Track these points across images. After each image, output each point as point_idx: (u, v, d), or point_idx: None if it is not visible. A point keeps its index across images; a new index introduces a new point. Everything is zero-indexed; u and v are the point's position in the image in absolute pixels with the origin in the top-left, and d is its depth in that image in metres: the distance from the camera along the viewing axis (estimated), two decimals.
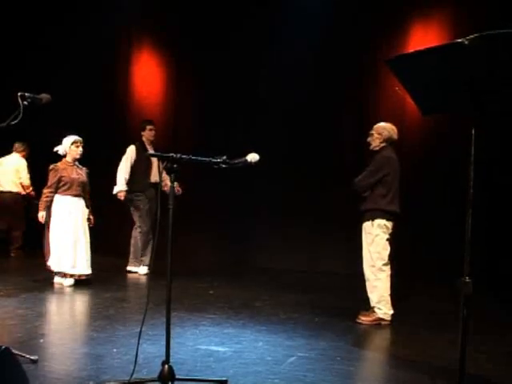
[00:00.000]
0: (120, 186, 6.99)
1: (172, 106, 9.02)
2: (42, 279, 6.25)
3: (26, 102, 3.13)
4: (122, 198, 6.99)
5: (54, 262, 6.05)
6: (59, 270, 6.06)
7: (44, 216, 6.07)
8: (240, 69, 8.16)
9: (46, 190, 6.12)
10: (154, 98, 9.16)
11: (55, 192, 6.10)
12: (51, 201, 6.11)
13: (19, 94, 3.12)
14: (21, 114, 3.07)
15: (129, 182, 7.04)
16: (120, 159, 7.08)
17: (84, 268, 6.13)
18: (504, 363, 3.95)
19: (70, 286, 6.01)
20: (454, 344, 2.42)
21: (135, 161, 7.06)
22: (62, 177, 6.09)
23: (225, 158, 3.19)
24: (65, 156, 6.22)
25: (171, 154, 3.03)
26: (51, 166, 6.15)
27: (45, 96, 3.33)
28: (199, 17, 8.42)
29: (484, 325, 4.83)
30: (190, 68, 8.63)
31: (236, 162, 3.26)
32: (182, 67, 8.81)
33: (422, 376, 3.56)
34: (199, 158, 3.16)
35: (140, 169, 7.04)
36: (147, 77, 9.24)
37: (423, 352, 4.12)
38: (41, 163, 6.67)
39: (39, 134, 7.77)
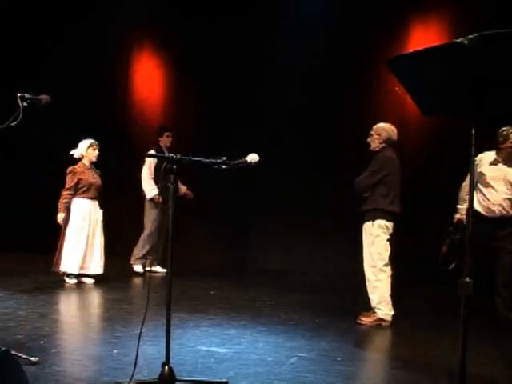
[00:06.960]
0: (154, 190, 7.08)
1: (172, 106, 9.02)
2: (42, 281, 6.25)
3: (25, 103, 3.12)
4: (160, 200, 7.05)
5: (65, 264, 6.11)
6: (71, 272, 6.15)
7: (63, 217, 6.10)
8: (240, 70, 8.16)
9: (64, 192, 6.15)
10: (154, 99, 9.16)
11: (74, 194, 6.16)
12: (70, 203, 6.17)
13: (19, 95, 3.11)
14: (20, 115, 3.06)
15: None
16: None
17: (97, 268, 6.26)
18: (506, 364, 3.94)
19: (80, 283, 6.21)
20: (455, 344, 2.41)
21: (155, 166, 7.14)
22: (80, 179, 6.15)
23: (225, 158, 3.18)
24: (80, 159, 6.27)
25: (171, 155, 3.04)
26: (69, 169, 6.19)
27: (44, 97, 3.31)
28: (200, 18, 8.42)
29: (485, 325, 4.82)
30: (191, 69, 8.62)
31: (236, 162, 3.25)
32: (182, 68, 8.80)
33: (423, 377, 3.55)
34: (199, 159, 3.16)
35: (158, 174, 7.10)
36: (148, 78, 9.24)
37: (424, 353, 4.11)
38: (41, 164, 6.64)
39: (39, 136, 7.77)
